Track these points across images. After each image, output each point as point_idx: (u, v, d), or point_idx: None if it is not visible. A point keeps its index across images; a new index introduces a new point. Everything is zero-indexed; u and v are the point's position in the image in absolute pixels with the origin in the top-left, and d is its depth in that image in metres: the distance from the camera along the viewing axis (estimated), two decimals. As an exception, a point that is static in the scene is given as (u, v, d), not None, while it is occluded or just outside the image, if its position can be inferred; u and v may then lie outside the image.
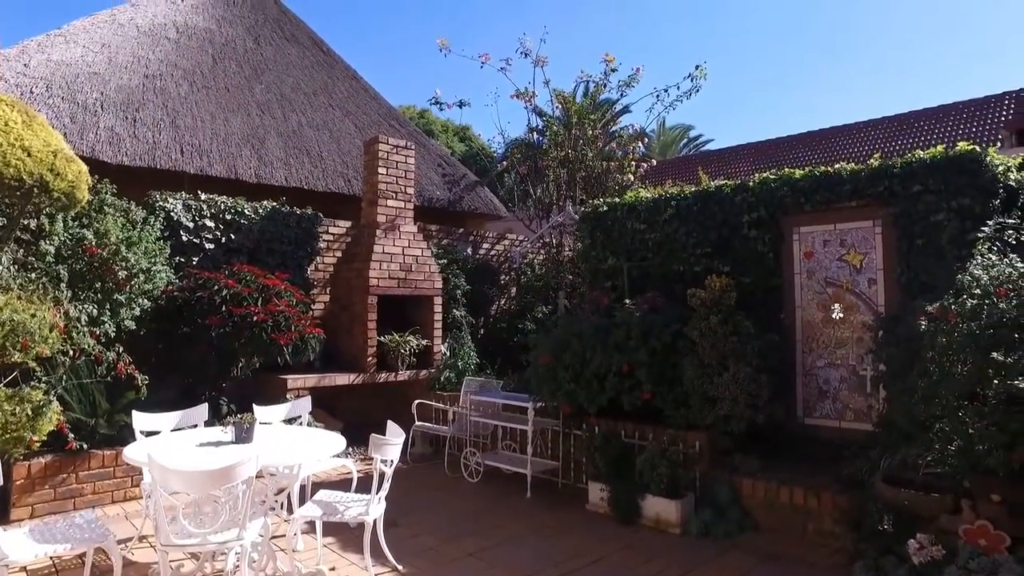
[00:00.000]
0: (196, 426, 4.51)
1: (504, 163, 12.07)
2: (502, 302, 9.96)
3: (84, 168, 5.25)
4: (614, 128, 12.44)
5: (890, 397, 4.67)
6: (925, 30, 48.85)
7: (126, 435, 5.08)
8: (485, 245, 10.26)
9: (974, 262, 4.46)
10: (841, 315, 5.44)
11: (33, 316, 4.63)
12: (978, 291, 4.04)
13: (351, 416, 7.75)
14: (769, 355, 5.23)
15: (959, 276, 4.36)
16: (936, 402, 3.82)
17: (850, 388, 5.35)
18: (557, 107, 11.25)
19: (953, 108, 15.53)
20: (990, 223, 4.59)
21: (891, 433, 4.46)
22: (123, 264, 5.77)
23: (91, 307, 5.56)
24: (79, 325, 5.28)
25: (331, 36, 52.22)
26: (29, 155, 4.79)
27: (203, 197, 7.26)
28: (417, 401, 7.02)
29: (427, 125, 24.63)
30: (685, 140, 29.32)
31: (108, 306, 5.76)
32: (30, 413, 4.48)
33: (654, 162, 11.58)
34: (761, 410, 5.04)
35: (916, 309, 4.34)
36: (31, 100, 8.21)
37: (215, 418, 6.04)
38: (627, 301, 5.76)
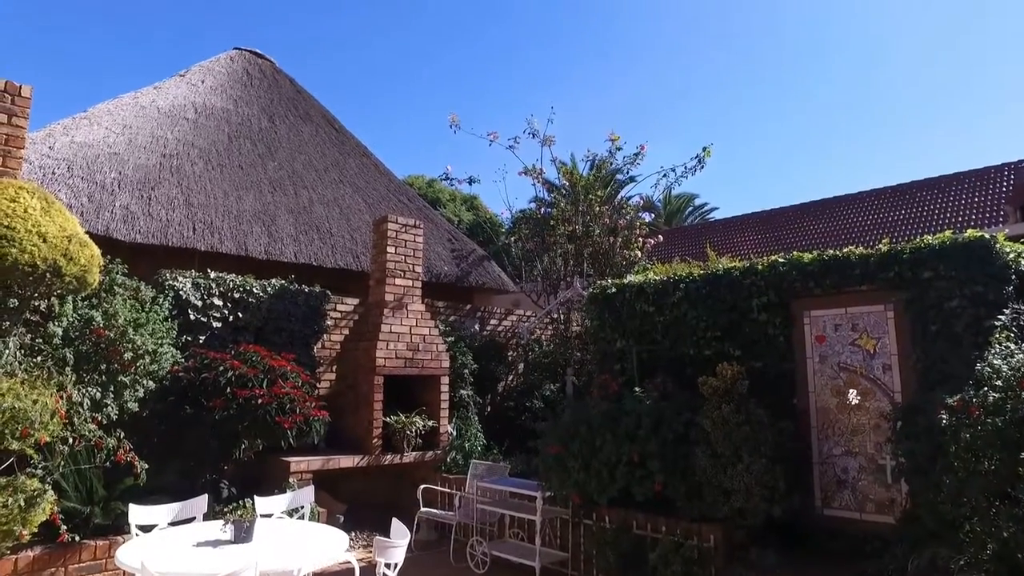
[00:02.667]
0: (195, 519, 4.37)
1: (512, 239, 12.19)
2: (510, 379, 9.84)
3: (97, 252, 5.30)
4: (619, 196, 12.60)
5: (913, 491, 4.50)
6: (924, 100, 50.20)
7: (121, 523, 4.92)
8: (492, 321, 10.23)
9: (992, 351, 4.39)
10: (856, 401, 5.31)
11: (35, 402, 4.57)
12: (999, 383, 3.95)
13: (355, 497, 7.55)
14: (784, 444, 5.09)
15: (978, 366, 4.28)
16: (964, 501, 3.67)
17: (870, 478, 5.17)
18: (564, 182, 11.46)
19: (954, 179, 15.74)
20: (1006, 311, 4.54)
21: (917, 530, 4.28)
22: (129, 346, 5.74)
23: (95, 390, 5.50)
24: (81, 410, 5.22)
25: (343, 109, 54.09)
26: (45, 241, 4.85)
27: (212, 275, 7.31)
28: (423, 486, 6.83)
29: (435, 194, 25.09)
30: (691, 208, 29.69)
31: (112, 388, 5.70)
32: (23, 504, 4.35)
33: (660, 238, 11.68)
34: (777, 502, 4.87)
35: (935, 400, 4.23)
36: (53, 180, 8.42)
37: (216, 501, 5.89)
38: (637, 389, 5.66)
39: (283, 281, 7.86)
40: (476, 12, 55.22)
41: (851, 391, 5.35)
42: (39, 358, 5.25)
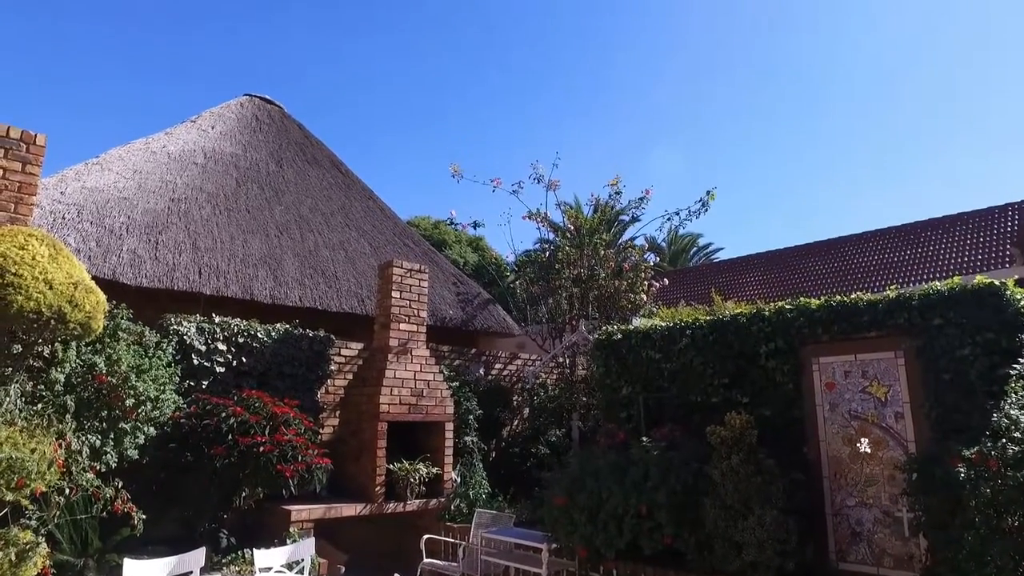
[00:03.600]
0: (191, 573, 4.25)
1: (517, 283, 12.19)
2: (515, 424, 9.72)
3: (102, 298, 5.30)
4: (624, 238, 12.62)
5: (933, 547, 4.36)
6: (929, 139, 50.70)
7: (116, 577, 4.79)
8: (497, 365, 10.15)
9: (1009, 401, 4.30)
10: (869, 450, 5.20)
11: (33, 451, 4.50)
12: (1018, 434, 3.86)
13: (357, 546, 7.37)
14: (796, 495, 4.96)
15: (994, 416, 4.19)
16: (988, 560, 3.54)
17: (886, 531, 5.02)
18: (569, 224, 11.50)
19: (959, 219, 15.79)
20: (1021, 359, 4.47)
21: (938, 588, 4.13)
22: (131, 392, 5.69)
23: (95, 438, 5.43)
24: (80, 458, 5.13)
25: (350, 150, 54.97)
26: (51, 288, 4.86)
27: (217, 320, 7.29)
28: (426, 536, 6.67)
29: (441, 235, 25.23)
30: (695, 248, 29.77)
31: (112, 435, 5.63)
32: (13, 559, 4.24)
33: (666, 281, 11.65)
34: (791, 555, 4.74)
35: (951, 452, 4.13)
36: (63, 225, 8.50)
37: (214, 552, 5.75)
38: (644, 439, 5.56)
39: (287, 326, 7.84)
40: (479, 57, 56.54)
41: (863, 440, 5.24)
42: (40, 405, 5.20)
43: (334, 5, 52.48)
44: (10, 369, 5.06)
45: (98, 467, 5.37)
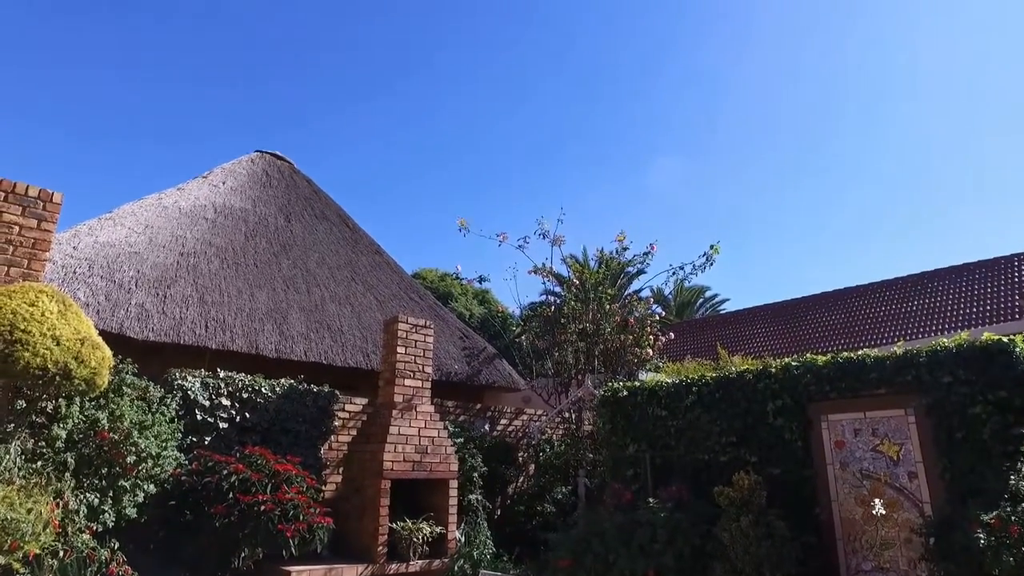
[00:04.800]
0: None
1: (523, 337, 12.16)
2: (520, 482, 9.54)
3: (108, 353, 5.32)
4: (629, 290, 12.61)
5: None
6: (936, 189, 51.06)
7: (107, 646, 4.64)
8: (503, 421, 10.04)
9: (1024, 462, 4.21)
10: (884, 512, 5.06)
11: (29, 511, 4.45)
12: (1035, 499, 3.77)
13: (356, 611, 7.14)
14: (809, 559, 4.82)
15: (1012, 479, 4.10)
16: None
17: (904, 598, 4.85)
18: (574, 278, 11.53)
19: (965, 269, 15.76)
20: (1035, 420, 4.39)
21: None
22: (133, 449, 5.64)
23: (93, 496, 5.36)
24: (77, 518, 5.06)
25: (358, 203, 55.82)
26: (58, 344, 4.89)
27: (222, 375, 7.28)
28: (427, 600, 6.47)
29: (447, 288, 25.38)
30: (701, 300, 29.75)
31: (111, 493, 5.56)
32: (3, 625, 4.14)
33: (672, 335, 11.59)
34: (807, 624, 4.56)
35: (970, 516, 4.03)
36: (73, 279, 8.60)
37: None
38: (651, 500, 5.44)
39: (292, 381, 7.81)
40: (490, 109, 57.92)
41: (876, 500, 5.11)
42: (39, 463, 5.16)
43: (348, 65, 54.21)
44: (12, 425, 5.04)
45: (95, 527, 5.28)
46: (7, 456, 4.91)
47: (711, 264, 10.79)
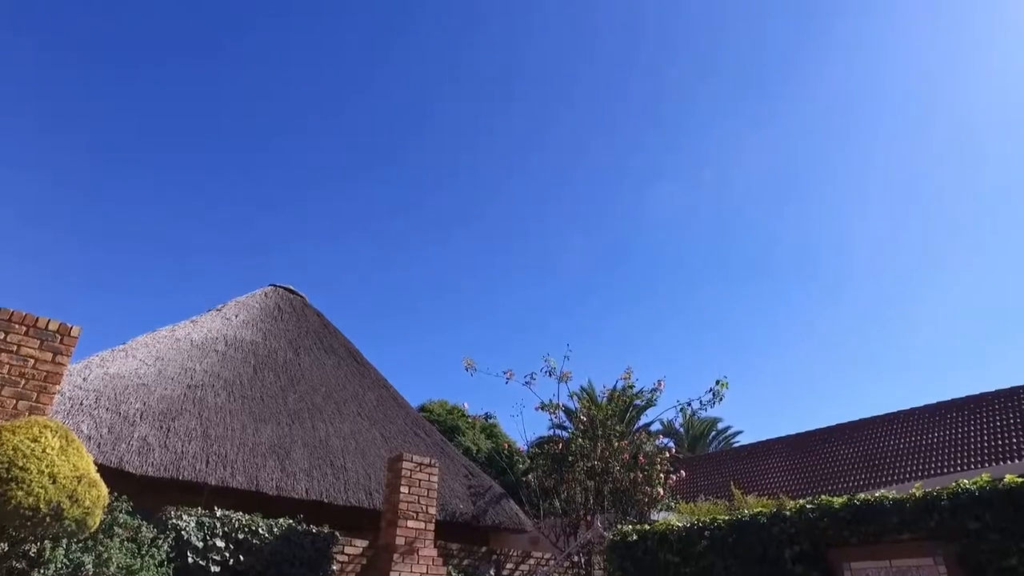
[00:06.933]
0: None
1: (530, 475, 11.80)
2: (527, 635, 8.86)
3: (104, 492, 5.20)
4: (638, 424, 12.35)
5: None
6: (951, 319, 50.94)
7: None
8: (509, 565, 9.50)
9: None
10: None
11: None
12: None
13: None
14: None
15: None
16: None
17: None
18: (581, 415, 11.38)
19: (983, 399, 15.53)
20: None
21: None
22: (117, 597, 5.36)
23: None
24: None
25: (366, 334, 56.31)
26: (54, 482, 4.81)
27: (218, 513, 7.04)
28: None
29: (455, 421, 24.94)
30: (714, 432, 29.04)
31: (88, 648, 5.21)
32: None
33: (683, 473, 11.22)
34: None
35: None
36: (79, 411, 8.59)
37: None
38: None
39: (291, 521, 7.53)
40: (499, 244, 59.91)
41: (913, 663, 4.70)
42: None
43: (358, 200, 56.96)
44: (-10, 571, 4.84)
45: None
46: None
47: (719, 400, 10.66)
